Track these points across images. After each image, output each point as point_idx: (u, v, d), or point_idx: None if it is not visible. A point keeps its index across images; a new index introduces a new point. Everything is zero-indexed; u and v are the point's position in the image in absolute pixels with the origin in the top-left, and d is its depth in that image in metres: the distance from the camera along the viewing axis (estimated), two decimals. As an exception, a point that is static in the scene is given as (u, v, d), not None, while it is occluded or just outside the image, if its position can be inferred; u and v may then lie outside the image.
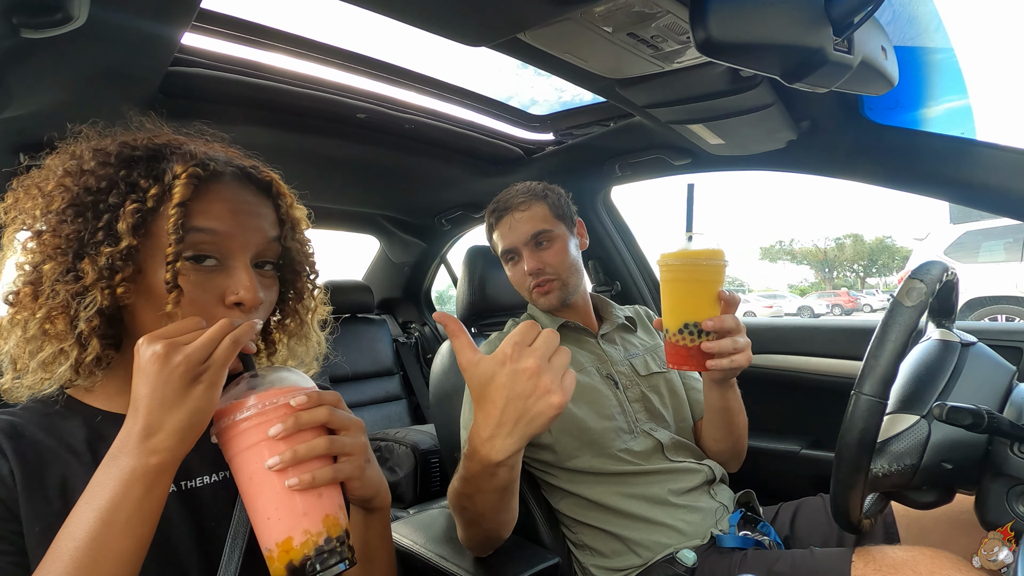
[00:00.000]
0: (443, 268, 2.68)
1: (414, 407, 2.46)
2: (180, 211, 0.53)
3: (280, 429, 0.49)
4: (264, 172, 0.63)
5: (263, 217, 0.60)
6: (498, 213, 1.18)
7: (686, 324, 0.82)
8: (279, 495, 0.49)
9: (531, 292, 1.16)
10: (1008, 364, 0.77)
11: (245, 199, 0.59)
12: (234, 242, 0.56)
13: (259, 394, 0.50)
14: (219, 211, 0.56)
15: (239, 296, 0.55)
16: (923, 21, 0.97)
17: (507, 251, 1.17)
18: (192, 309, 0.54)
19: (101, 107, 1.00)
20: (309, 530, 0.49)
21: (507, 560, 0.93)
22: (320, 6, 4.94)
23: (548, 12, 0.77)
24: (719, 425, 1.07)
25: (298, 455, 0.49)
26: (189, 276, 0.54)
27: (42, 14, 0.66)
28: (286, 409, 0.50)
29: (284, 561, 0.48)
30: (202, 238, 0.54)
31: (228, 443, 0.51)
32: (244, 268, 0.56)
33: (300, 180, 0.71)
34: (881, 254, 44.85)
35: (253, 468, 0.50)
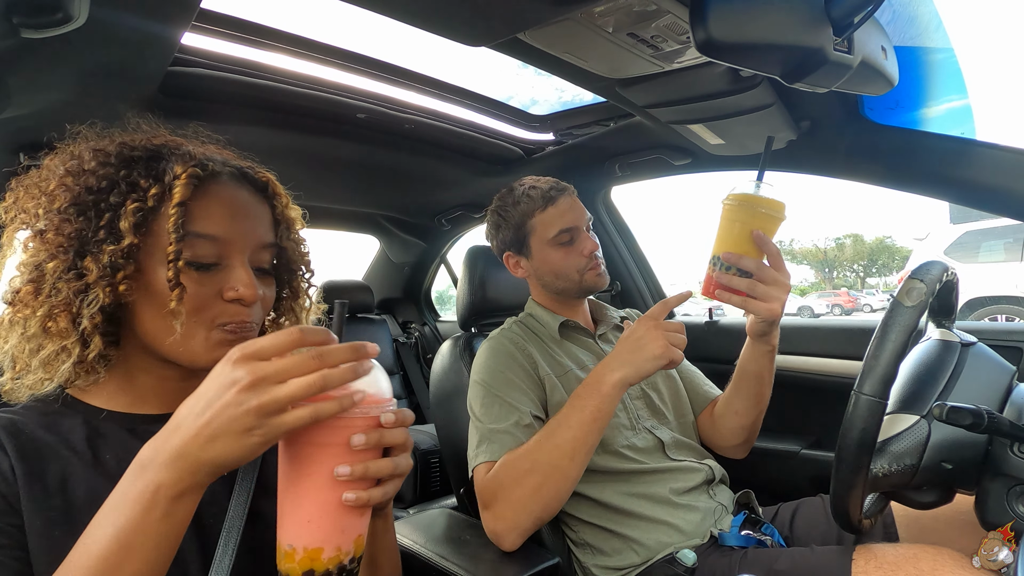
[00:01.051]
0: (443, 268, 2.68)
1: (414, 407, 2.46)
2: (180, 210, 0.54)
3: (363, 441, 0.47)
4: (260, 173, 0.64)
5: (260, 218, 0.61)
6: (555, 191, 1.16)
7: (716, 256, 0.87)
8: (328, 504, 0.47)
9: (584, 273, 1.15)
10: (1008, 364, 0.77)
11: (242, 200, 0.60)
12: (232, 244, 0.57)
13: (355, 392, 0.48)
14: (218, 213, 0.56)
15: (238, 292, 0.56)
16: (923, 21, 0.97)
17: (567, 230, 1.14)
18: (191, 304, 0.54)
19: (101, 107, 1.00)
20: (341, 547, 0.48)
21: (507, 560, 0.93)
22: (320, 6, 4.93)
23: (548, 12, 0.77)
24: (746, 393, 1.06)
25: (369, 472, 0.47)
26: (189, 275, 0.55)
27: (42, 14, 0.66)
28: (371, 421, 0.48)
29: (305, 567, 0.47)
30: (202, 244, 0.55)
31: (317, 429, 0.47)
32: (242, 265, 0.57)
33: (300, 180, 0.72)
34: (881, 254, 44.85)
35: (317, 467, 0.47)
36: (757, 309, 0.87)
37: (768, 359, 1.01)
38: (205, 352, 0.56)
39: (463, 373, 1.23)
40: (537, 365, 1.09)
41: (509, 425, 0.98)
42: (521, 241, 1.18)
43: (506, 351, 1.09)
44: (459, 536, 1.05)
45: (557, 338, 1.17)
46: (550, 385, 1.08)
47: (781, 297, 0.87)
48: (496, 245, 1.25)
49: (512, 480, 0.90)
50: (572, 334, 1.20)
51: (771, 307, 0.87)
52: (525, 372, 1.07)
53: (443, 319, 2.78)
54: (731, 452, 1.15)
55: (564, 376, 1.10)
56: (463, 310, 1.42)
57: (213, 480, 0.46)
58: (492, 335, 1.16)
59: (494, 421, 0.99)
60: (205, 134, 0.65)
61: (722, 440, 1.15)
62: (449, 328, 2.68)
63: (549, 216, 1.14)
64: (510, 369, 1.06)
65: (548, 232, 1.14)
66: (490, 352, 1.10)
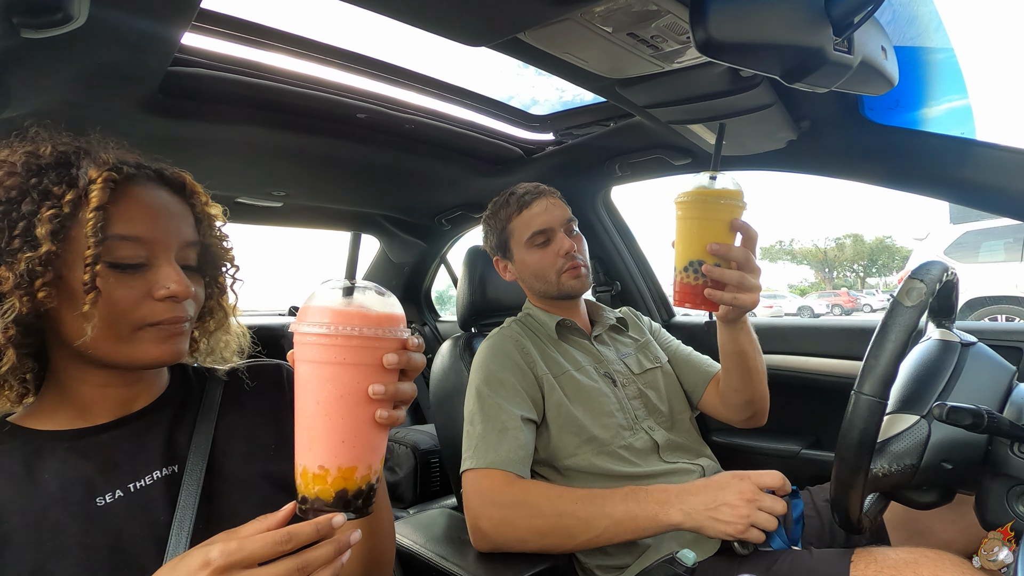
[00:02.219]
0: (443, 268, 2.68)
1: (414, 407, 2.46)
2: (98, 215, 0.53)
3: (396, 361, 0.49)
4: (175, 172, 0.64)
5: (181, 217, 0.62)
6: (530, 195, 1.17)
7: (691, 262, 0.81)
8: (362, 423, 0.49)
9: (561, 275, 1.15)
10: (1008, 364, 0.77)
11: (162, 200, 0.60)
12: (157, 246, 0.58)
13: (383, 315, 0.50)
14: (139, 215, 0.57)
15: (170, 290, 0.56)
16: (923, 21, 0.97)
17: (541, 231, 1.16)
18: (119, 308, 0.55)
19: (101, 107, 1.00)
20: (372, 466, 0.50)
21: (507, 560, 0.93)
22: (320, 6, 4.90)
23: (548, 12, 0.76)
24: (736, 372, 1.05)
25: (400, 393, 0.50)
26: (109, 279, 0.54)
27: (42, 14, 0.66)
28: (400, 343, 0.51)
29: (338, 486, 0.48)
30: (125, 245, 0.55)
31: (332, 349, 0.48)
32: (169, 264, 0.58)
33: (300, 180, 0.72)
34: (881, 254, 44.83)
35: (351, 387, 0.48)
36: (744, 303, 0.84)
37: (746, 334, 0.99)
38: (138, 351, 0.57)
39: (463, 373, 1.23)
40: (535, 363, 1.09)
41: (496, 431, 0.99)
42: (504, 245, 1.21)
43: (503, 350, 1.10)
44: (459, 536, 1.05)
45: (554, 338, 1.17)
46: (548, 385, 1.08)
47: (760, 285, 0.86)
48: (488, 250, 1.28)
49: (527, 513, 0.91)
50: (569, 335, 1.20)
51: (754, 297, 0.85)
52: (521, 372, 1.07)
53: (443, 319, 2.78)
54: (746, 424, 1.15)
55: (561, 377, 1.10)
56: (463, 310, 1.42)
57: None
58: (491, 334, 1.17)
59: (483, 425, 1.00)
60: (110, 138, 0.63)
61: (733, 415, 1.14)
62: (449, 328, 2.68)
63: (524, 219, 1.17)
64: (505, 369, 1.06)
65: (524, 234, 1.17)
66: (487, 352, 1.11)
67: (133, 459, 0.59)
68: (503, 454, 0.96)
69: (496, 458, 0.96)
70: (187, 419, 0.64)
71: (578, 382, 1.10)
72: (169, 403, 0.65)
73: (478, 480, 0.96)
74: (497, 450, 0.97)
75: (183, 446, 0.62)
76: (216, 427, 0.65)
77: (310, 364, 0.49)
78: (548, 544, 0.91)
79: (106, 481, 0.56)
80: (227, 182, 1.63)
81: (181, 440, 0.63)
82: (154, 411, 0.63)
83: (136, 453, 0.59)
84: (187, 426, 0.64)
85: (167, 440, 0.62)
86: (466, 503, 0.97)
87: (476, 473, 0.96)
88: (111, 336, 0.55)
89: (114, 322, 0.55)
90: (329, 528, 0.47)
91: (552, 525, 0.89)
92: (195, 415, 0.65)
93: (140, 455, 0.59)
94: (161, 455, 0.60)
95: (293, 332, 0.49)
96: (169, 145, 1.25)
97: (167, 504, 0.58)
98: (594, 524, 0.87)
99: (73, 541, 0.53)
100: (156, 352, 0.57)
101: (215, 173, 1.53)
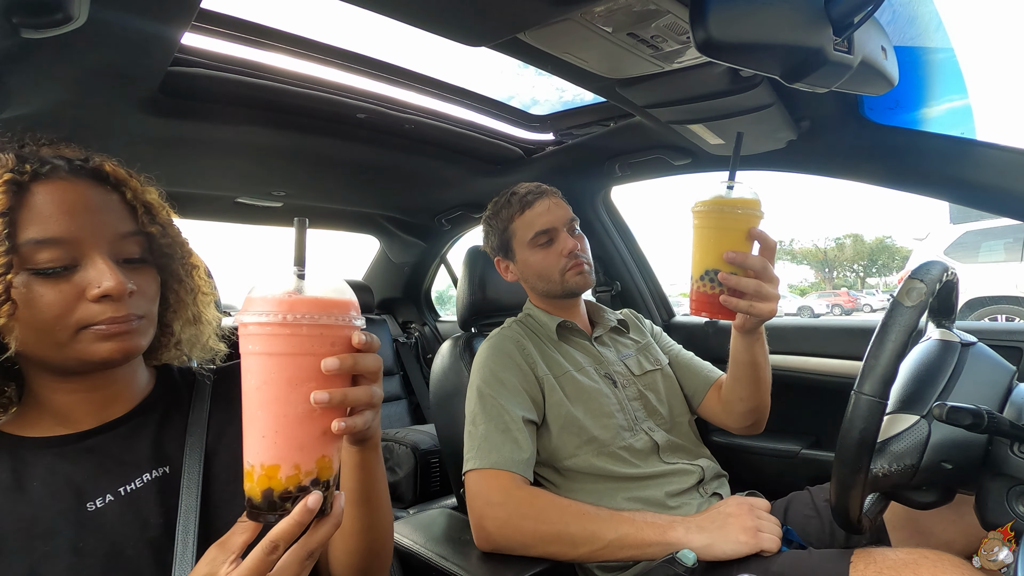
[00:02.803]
0: (443, 268, 2.68)
1: (414, 407, 2.46)
2: (3, 222, 0.50)
3: (336, 366, 0.45)
4: (97, 161, 0.58)
5: (107, 209, 0.57)
6: (531, 195, 1.17)
7: (708, 270, 0.81)
8: (285, 418, 0.46)
9: (565, 273, 1.15)
10: (1008, 364, 0.77)
11: (80, 194, 0.55)
12: (83, 244, 0.53)
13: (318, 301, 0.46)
14: (53, 215, 0.52)
15: (103, 288, 0.52)
16: (923, 21, 0.97)
17: (544, 231, 1.15)
18: (51, 314, 0.52)
19: (101, 107, 1.00)
20: (299, 465, 0.46)
21: (507, 560, 0.93)
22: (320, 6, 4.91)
23: (548, 12, 0.76)
24: (746, 381, 1.04)
25: (347, 399, 0.47)
26: (34, 286, 0.51)
27: (42, 14, 0.66)
28: (342, 335, 0.47)
29: (263, 485, 0.46)
30: (42, 249, 0.51)
31: (245, 338, 0.46)
32: (101, 260, 0.53)
33: (300, 180, 0.72)
34: (881, 254, 44.82)
35: (266, 377, 0.45)
36: (761, 312, 0.84)
37: (760, 345, 0.99)
38: (84, 351, 0.54)
39: (463, 373, 1.23)
40: (535, 364, 1.09)
41: (499, 431, 0.99)
42: (506, 245, 1.21)
43: (504, 351, 1.10)
44: (459, 536, 1.05)
45: (555, 339, 1.17)
46: (548, 386, 1.08)
47: (778, 294, 0.86)
48: (489, 251, 1.27)
49: (533, 517, 0.92)
50: (569, 336, 1.20)
51: (772, 307, 0.85)
52: (521, 373, 1.07)
53: (443, 319, 2.78)
54: (745, 431, 1.15)
55: (562, 377, 1.10)
56: (463, 310, 1.42)
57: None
58: (492, 335, 1.17)
59: (486, 426, 1.00)
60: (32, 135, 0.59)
61: (733, 422, 1.14)
62: (449, 328, 2.68)
63: (527, 219, 1.16)
64: (506, 370, 1.06)
65: (527, 234, 1.17)
66: (488, 352, 1.11)
67: (122, 463, 0.58)
68: (507, 455, 0.97)
69: (500, 458, 0.96)
70: (175, 420, 0.64)
71: (578, 383, 1.10)
72: (155, 406, 0.64)
73: (482, 480, 0.96)
74: (500, 450, 0.97)
75: (173, 447, 0.62)
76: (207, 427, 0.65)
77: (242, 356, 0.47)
78: (551, 551, 0.91)
79: (96, 486, 0.56)
80: (227, 182, 1.63)
81: (170, 441, 0.62)
82: (140, 414, 0.62)
83: (124, 456, 0.59)
84: (175, 427, 0.63)
85: (155, 442, 0.61)
86: (470, 503, 0.97)
87: (480, 473, 0.96)
88: (51, 343, 0.53)
89: (50, 329, 0.52)
90: (307, 514, 0.46)
91: (557, 533, 0.90)
92: (185, 416, 0.65)
93: (128, 458, 0.59)
94: (150, 457, 0.60)
95: None
96: (169, 145, 1.25)
97: (159, 505, 0.57)
98: (599, 537, 0.88)
99: (66, 546, 0.52)
100: (104, 350, 0.54)
101: (215, 173, 1.54)
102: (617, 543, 0.88)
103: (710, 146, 1.26)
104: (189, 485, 0.59)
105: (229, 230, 1.26)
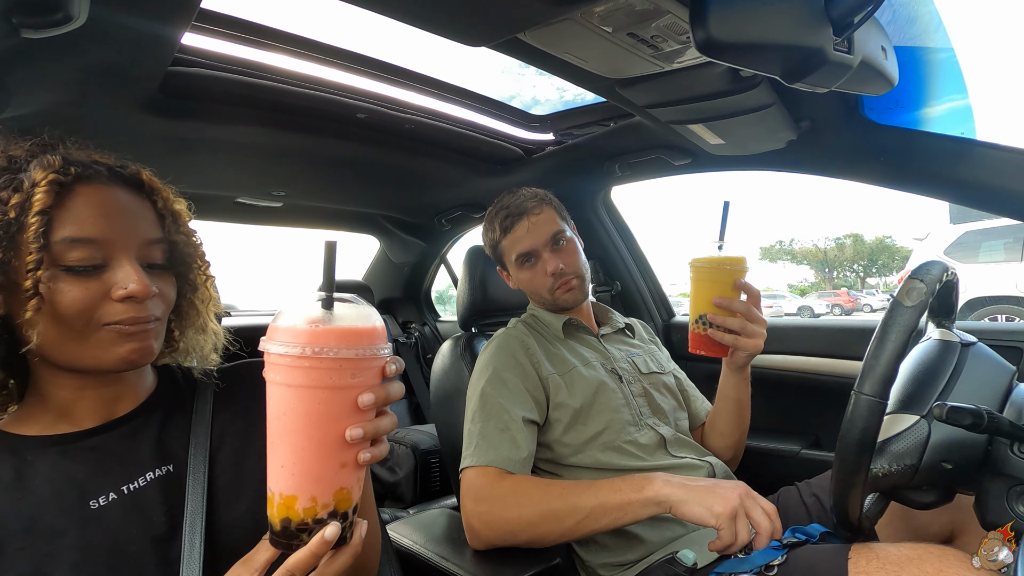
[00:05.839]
0: (443, 268, 2.68)
1: (414, 407, 2.46)
2: (41, 219, 0.51)
3: (372, 402, 0.46)
4: (134, 169, 0.61)
5: (139, 215, 0.59)
6: (511, 218, 1.17)
7: (701, 315, 0.99)
8: (303, 451, 0.46)
9: (554, 292, 1.16)
10: (1008, 364, 0.77)
11: (117, 198, 0.57)
12: (112, 245, 0.55)
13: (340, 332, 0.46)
14: (90, 215, 0.54)
15: (128, 290, 0.54)
16: (923, 21, 0.97)
17: (525, 254, 1.17)
18: (75, 310, 0.53)
19: (101, 107, 1.00)
20: (316, 498, 0.46)
21: (507, 560, 0.93)
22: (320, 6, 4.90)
23: (548, 12, 0.76)
24: (727, 416, 1.13)
25: (379, 431, 0.47)
26: (62, 282, 0.53)
27: (42, 14, 0.66)
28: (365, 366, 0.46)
29: (282, 514, 0.47)
30: (75, 247, 0.53)
31: (282, 368, 0.45)
32: (129, 263, 0.55)
33: (300, 180, 0.72)
34: (881, 254, 44.83)
35: (285, 407, 0.46)
36: (747, 346, 0.98)
37: (745, 384, 1.10)
38: (102, 353, 0.55)
39: (463, 373, 1.23)
40: (540, 364, 1.10)
41: (497, 430, 0.99)
42: (500, 260, 1.25)
43: (508, 350, 1.10)
44: (459, 536, 1.05)
45: (561, 337, 1.17)
46: (554, 384, 1.08)
47: (764, 333, 0.99)
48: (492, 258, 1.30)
49: (515, 504, 0.92)
50: (576, 332, 1.21)
51: (757, 342, 0.99)
52: (524, 373, 1.07)
53: (443, 319, 2.78)
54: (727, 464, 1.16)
55: (568, 374, 1.10)
56: (463, 310, 1.42)
57: None
58: (497, 334, 1.18)
59: (484, 424, 1.00)
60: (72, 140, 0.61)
61: (716, 454, 1.17)
62: (449, 328, 2.68)
63: (509, 243, 1.19)
64: (509, 369, 1.07)
65: (510, 256, 1.20)
66: (492, 352, 1.11)
67: (124, 461, 0.59)
68: (504, 453, 0.97)
69: (495, 456, 0.96)
70: (177, 420, 0.64)
71: (585, 378, 1.10)
72: (158, 405, 0.64)
73: (473, 478, 0.96)
74: (498, 449, 0.97)
75: (176, 446, 0.62)
76: None
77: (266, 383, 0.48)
78: (538, 533, 0.90)
79: (99, 484, 0.56)
80: (227, 182, 1.63)
81: (173, 440, 0.62)
82: (142, 413, 0.63)
83: (127, 455, 0.59)
84: (178, 427, 0.64)
85: (158, 441, 0.61)
86: (461, 501, 0.97)
87: (473, 471, 0.97)
88: (71, 338, 0.54)
89: (72, 325, 0.53)
90: (324, 546, 0.46)
91: (540, 512, 0.90)
92: (187, 416, 0.65)
93: (131, 457, 0.59)
94: (153, 456, 0.60)
95: None
96: (169, 145, 1.25)
97: (163, 504, 0.58)
98: (580, 506, 0.88)
99: (69, 544, 0.53)
100: (121, 352, 0.55)
101: (215, 173, 1.54)
102: (599, 509, 0.87)
103: (710, 146, 1.26)
104: (195, 485, 0.59)
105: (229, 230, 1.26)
